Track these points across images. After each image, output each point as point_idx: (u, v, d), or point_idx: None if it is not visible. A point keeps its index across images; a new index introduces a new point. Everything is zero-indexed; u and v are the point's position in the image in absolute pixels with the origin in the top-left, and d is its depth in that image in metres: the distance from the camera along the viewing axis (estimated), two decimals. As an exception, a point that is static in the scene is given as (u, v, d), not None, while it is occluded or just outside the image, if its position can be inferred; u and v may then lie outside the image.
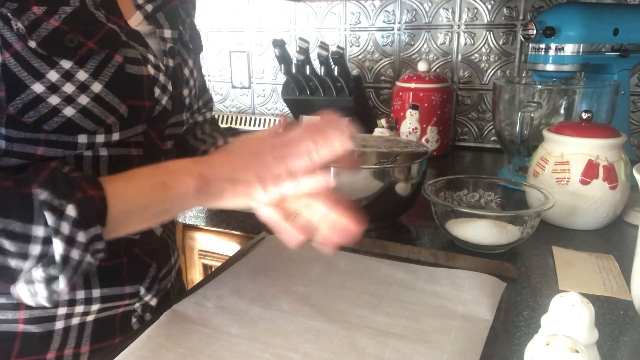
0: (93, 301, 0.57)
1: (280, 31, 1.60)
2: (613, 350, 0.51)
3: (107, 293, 0.58)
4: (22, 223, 0.43)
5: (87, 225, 0.44)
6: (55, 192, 0.44)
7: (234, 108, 1.77)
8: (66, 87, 0.48)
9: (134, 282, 0.61)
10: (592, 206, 0.79)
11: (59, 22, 0.47)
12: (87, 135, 0.52)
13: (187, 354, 0.48)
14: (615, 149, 0.79)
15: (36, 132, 0.49)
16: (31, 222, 0.43)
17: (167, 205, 0.50)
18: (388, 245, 0.72)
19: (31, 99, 0.47)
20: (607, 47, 1.02)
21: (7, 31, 0.45)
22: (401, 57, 1.47)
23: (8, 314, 0.53)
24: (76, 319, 0.57)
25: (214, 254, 0.99)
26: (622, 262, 0.69)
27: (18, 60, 0.46)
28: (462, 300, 0.58)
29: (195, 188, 0.50)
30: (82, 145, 0.52)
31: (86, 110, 0.50)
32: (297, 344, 0.50)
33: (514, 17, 1.31)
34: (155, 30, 0.60)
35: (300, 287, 0.61)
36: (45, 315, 0.55)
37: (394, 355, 0.48)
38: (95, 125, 0.51)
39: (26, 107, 0.48)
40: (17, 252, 0.43)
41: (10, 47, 0.46)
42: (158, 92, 0.58)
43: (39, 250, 0.43)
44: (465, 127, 1.45)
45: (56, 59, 0.48)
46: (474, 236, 0.72)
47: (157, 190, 0.49)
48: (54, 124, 0.49)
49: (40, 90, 0.47)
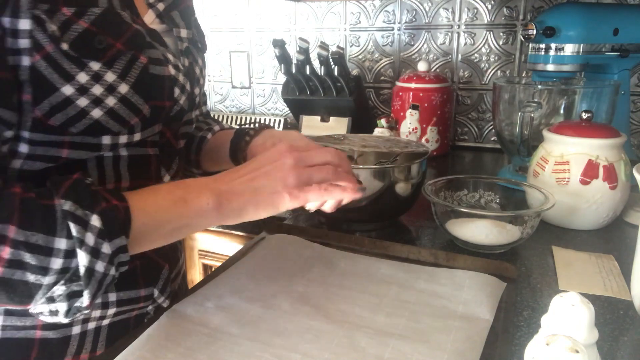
0: (109, 305, 0.57)
1: (280, 31, 1.60)
2: (613, 350, 0.51)
3: (122, 297, 0.58)
4: (44, 235, 0.41)
5: (111, 236, 0.44)
6: (79, 202, 0.43)
7: (234, 108, 1.77)
8: (95, 88, 0.48)
9: (148, 285, 0.61)
10: (592, 206, 0.79)
11: (88, 24, 0.47)
12: (111, 136, 0.51)
13: (187, 354, 0.48)
14: (615, 149, 0.79)
15: (61, 134, 0.48)
16: (54, 234, 0.42)
17: (187, 220, 0.50)
18: (388, 245, 0.72)
19: (60, 102, 0.47)
20: (607, 47, 1.02)
21: (40, 33, 0.45)
22: (401, 57, 1.47)
23: (26, 320, 0.53)
24: (92, 323, 0.57)
25: (214, 254, 0.99)
26: (622, 262, 0.69)
27: (49, 62, 0.45)
28: (462, 300, 0.58)
29: (215, 204, 0.50)
30: (106, 147, 0.52)
31: (113, 112, 0.50)
32: (297, 344, 0.50)
33: (514, 17, 1.31)
34: (172, 30, 0.60)
35: (300, 287, 0.61)
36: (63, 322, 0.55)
37: (394, 355, 0.48)
38: (119, 126, 0.51)
39: (54, 110, 0.47)
40: (37, 266, 0.41)
41: (41, 49, 0.45)
42: (177, 92, 0.58)
43: (61, 264, 0.42)
44: (465, 127, 1.45)
45: (85, 61, 0.47)
46: (474, 236, 0.72)
47: (177, 205, 0.49)
48: (81, 126, 0.48)
49: (69, 92, 0.47)
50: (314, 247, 0.72)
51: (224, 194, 0.50)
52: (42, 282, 0.42)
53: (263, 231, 0.78)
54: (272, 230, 0.78)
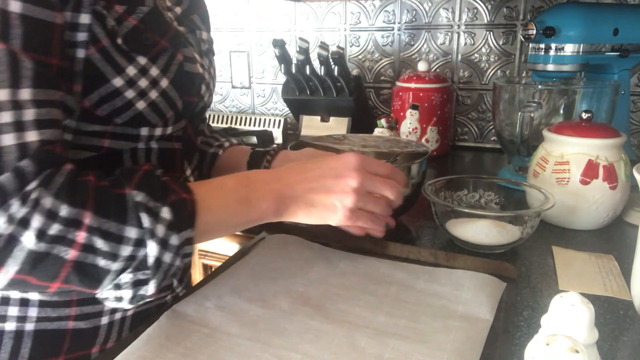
0: None
1: (280, 31, 1.60)
2: (613, 350, 0.51)
3: None
4: (117, 223, 0.43)
5: (180, 229, 0.46)
6: (151, 194, 0.45)
7: (234, 108, 1.77)
8: (141, 81, 0.51)
9: None
10: (592, 206, 0.79)
11: (137, 21, 0.51)
12: (148, 128, 0.54)
13: (187, 354, 0.48)
14: (615, 149, 0.79)
15: (105, 124, 0.51)
16: (125, 222, 0.43)
17: (247, 219, 0.53)
18: (388, 245, 0.72)
19: (109, 92, 0.49)
20: (607, 47, 1.02)
21: (98, 27, 0.47)
22: (401, 57, 1.47)
23: (61, 311, 0.55)
24: (119, 314, 0.59)
25: (214, 254, 0.99)
26: (622, 262, 0.69)
27: (103, 55, 0.48)
28: (462, 300, 0.58)
29: (274, 208, 0.52)
30: (143, 138, 0.55)
31: (154, 105, 0.53)
32: (297, 344, 0.50)
33: (514, 17, 1.31)
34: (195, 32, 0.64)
35: (300, 287, 0.61)
36: (94, 312, 0.56)
37: (394, 355, 0.48)
38: (157, 118, 0.55)
39: (102, 100, 0.50)
40: (108, 252, 0.43)
41: (98, 42, 0.47)
42: (204, 89, 0.63)
43: (130, 252, 0.44)
44: (465, 127, 1.45)
45: (134, 55, 0.50)
46: (474, 236, 0.72)
47: (240, 205, 0.51)
48: (125, 116, 0.51)
49: (119, 84, 0.50)
50: (314, 247, 0.72)
51: (284, 200, 0.53)
52: (111, 268, 0.44)
53: (263, 231, 0.78)
54: (272, 230, 0.78)
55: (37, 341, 0.54)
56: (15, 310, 0.53)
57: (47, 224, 0.41)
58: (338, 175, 0.53)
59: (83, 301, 0.55)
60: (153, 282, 0.46)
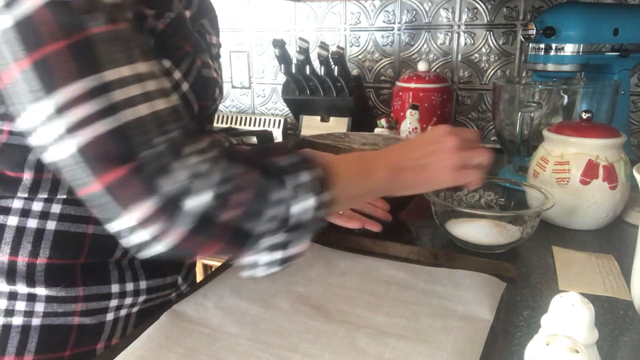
0: (140, 293, 0.60)
1: (280, 31, 1.60)
2: (613, 350, 0.51)
3: (152, 284, 0.61)
4: (263, 186, 0.45)
5: (320, 192, 0.47)
6: (291, 161, 0.47)
7: (234, 108, 1.77)
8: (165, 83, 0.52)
9: (173, 272, 0.64)
10: (592, 206, 0.79)
11: (164, 26, 0.52)
12: None
13: (187, 354, 0.48)
14: (615, 149, 0.79)
15: None
16: (270, 186, 0.45)
17: (366, 189, 0.55)
18: (388, 245, 0.72)
19: None
20: (607, 47, 1.02)
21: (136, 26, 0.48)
22: (401, 57, 1.47)
23: (68, 306, 0.55)
24: (124, 310, 0.59)
25: (214, 254, 0.99)
26: (622, 262, 0.69)
27: None
28: (462, 300, 0.58)
29: (387, 178, 0.55)
30: None
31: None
32: (297, 344, 0.50)
33: (514, 17, 1.31)
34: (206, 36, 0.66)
35: (300, 287, 0.61)
36: (99, 308, 0.57)
37: (394, 355, 0.48)
38: None
39: None
40: (257, 211, 0.44)
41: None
42: (217, 93, 0.64)
43: (274, 214, 0.45)
44: (465, 127, 1.45)
45: (160, 58, 0.52)
46: (474, 236, 0.72)
47: (361, 175, 0.54)
48: None
49: None
50: (314, 247, 0.72)
51: (397, 169, 0.55)
52: (259, 229, 0.45)
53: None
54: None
55: (44, 336, 0.54)
56: (23, 305, 0.53)
57: (218, 181, 0.43)
58: (436, 141, 0.57)
59: (89, 297, 0.56)
60: (297, 243, 0.48)
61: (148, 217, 0.40)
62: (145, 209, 0.40)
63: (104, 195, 0.40)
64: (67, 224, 0.53)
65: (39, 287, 0.53)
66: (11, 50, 0.38)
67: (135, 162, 0.40)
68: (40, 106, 0.39)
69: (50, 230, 0.53)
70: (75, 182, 0.42)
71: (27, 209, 0.52)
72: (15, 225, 0.52)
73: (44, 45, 0.38)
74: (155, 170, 0.41)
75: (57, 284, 0.54)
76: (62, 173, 0.42)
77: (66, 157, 0.40)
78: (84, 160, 0.40)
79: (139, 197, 0.40)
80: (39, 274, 0.53)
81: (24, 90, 0.39)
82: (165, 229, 0.41)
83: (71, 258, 0.54)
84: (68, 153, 0.40)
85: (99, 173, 0.40)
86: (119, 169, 0.40)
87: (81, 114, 0.39)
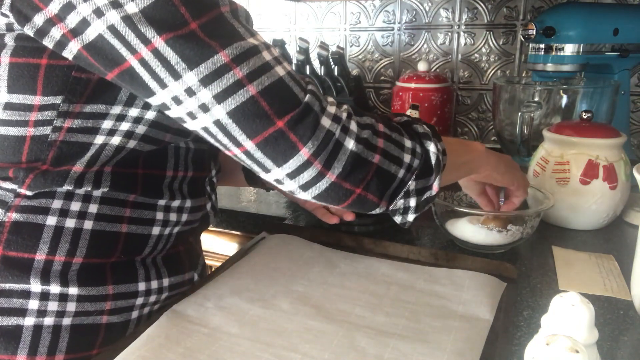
0: (163, 290, 0.60)
1: (280, 31, 1.60)
2: (613, 350, 0.51)
3: (173, 282, 0.62)
4: (397, 134, 0.52)
5: (438, 139, 0.55)
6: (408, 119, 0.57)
7: (234, 108, 1.77)
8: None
9: (190, 269, 0.65)
10: (592, 206, 0.79)
11: None
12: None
13: (187, 354, 0.48)
14: (615, 149, 0.79)
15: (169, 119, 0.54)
16: (402, 135, 0.52)
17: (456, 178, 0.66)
18: (388, 245, 0.72)
19: None
20: (607, 47, 1.02)
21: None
22: (401, 57, 1.47)
23: (98, 305, 0.55)
24: (147, 308, 0.60)
25: (214, 254, 0.99)
26: (622, 262, 0.69)
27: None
28: (462, 300, 0.58)
29: (483, 149, 0.65)
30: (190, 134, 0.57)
31: None
32: (297, 344, 0.50)
33: (514, 17, 1.31)
34: None
35: (300, 287, 0.61)
36: (127, 306, 0.57)
37: (394, 355, 0.48)
38: None
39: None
40: (397, 157, 0.50)
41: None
42: None
43: (409, 160, 0.51)
44: (465, 127, 1.45)
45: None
46: (474, 236, 0.72)
47: (460, 144, 0.65)
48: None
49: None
50: (314, 247, 0.72)
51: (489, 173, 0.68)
52: (398, 175, 0.51)
53: (263, 231, 0.78)
54: (272, 230, 0.78)
55: (74, 335, 0.54)
56: (55, 305, 0.53)
57: (359, 128, 0.48)
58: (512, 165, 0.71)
59: (118, 295, 0.56)
60: (435, 181, 0.53)
61: (303, 163, 0.45)
62: (300, 158, 0.45)
63: (257, 152, 0.45)
64: (104, 223, 0.54)
65: (72, 286, 0.53)
66: (145, 31, 0.41)
67: (287, 117, 0.44)
68: (182, 81, 0.43)
69: (88, 230, 0.53)
70: (224, 144, 0.46)
71: (66, 209, 0.52)
72: (54, 224, 0.52)
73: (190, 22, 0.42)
74: (307, 122, 0.45)
75: (90, 283, 0.54)
76: (208, 138, 0.46)
77: (213, 123, 0.44)
78: (234, 123, 0.44)
79: (294, 148, 0.45)
80: (72, 273, 0.53)
81: (160, 68, 0.42)
82: (320, 173, 0.46)
83: (105, 257, 0.55)
84: (216, 119, 0.44)
85: (250, 133, 0.44)
86: (270, 127, 0.44)
87: (226, 82, 0.43)
